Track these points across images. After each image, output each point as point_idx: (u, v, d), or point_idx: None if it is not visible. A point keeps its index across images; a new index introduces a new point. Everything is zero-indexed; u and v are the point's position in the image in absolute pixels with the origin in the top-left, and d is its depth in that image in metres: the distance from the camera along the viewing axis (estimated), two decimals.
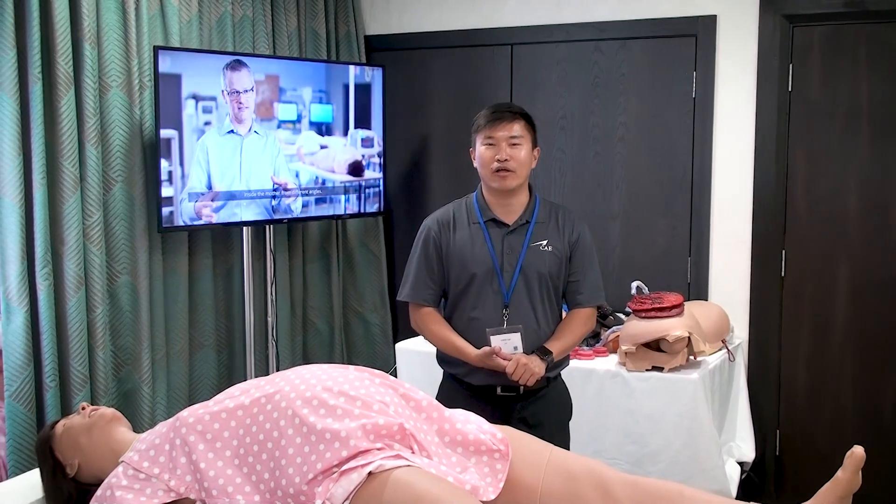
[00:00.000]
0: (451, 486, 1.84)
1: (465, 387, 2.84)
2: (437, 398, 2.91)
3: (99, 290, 3.25)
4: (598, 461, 2.14)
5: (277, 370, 4.04)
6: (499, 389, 2.81)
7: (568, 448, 2.88)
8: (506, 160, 2.73)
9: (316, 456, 1.86)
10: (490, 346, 2.73)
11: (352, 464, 1.83)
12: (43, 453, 2.24)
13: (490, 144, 2.76)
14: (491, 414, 2.65)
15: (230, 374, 3.99)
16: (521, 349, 2.75)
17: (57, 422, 2.32)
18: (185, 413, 2.03)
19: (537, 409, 2.84)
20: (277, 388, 2.00)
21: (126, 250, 3.41)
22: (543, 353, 2.76)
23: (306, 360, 4.41)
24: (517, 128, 2.76)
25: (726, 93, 3.97)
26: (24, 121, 3.01)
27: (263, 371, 4.04)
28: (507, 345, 2.76)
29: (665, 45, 4.07)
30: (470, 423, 2.12)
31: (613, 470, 2.07)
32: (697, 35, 3.98)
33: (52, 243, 3.12)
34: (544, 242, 2.81)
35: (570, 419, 2.98)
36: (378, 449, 1.86)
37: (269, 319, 4.00)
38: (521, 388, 2.79)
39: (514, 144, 2.75)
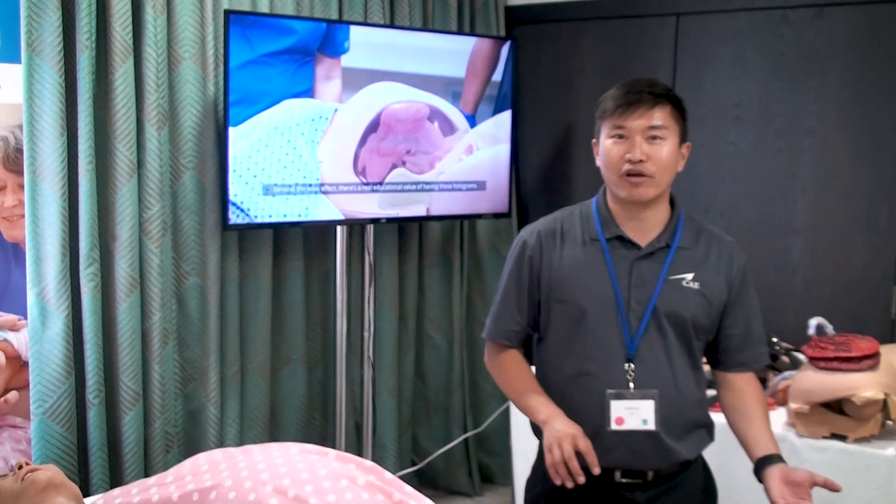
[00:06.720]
0: None
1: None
2: (530, 476, 2.23)
3: (157, 293, 2.80)
4: None
5: (373, 392, 3.50)
6: (618, 474, 2.05)
7: None
8: (641, 160, 1.98)
9: None
10: (610, 414, 2.01)
11: None
12: None
13: (620, 137, 2.01)
14: None
15: (324, 393, 3.48)
16: (651, 423, 2.00)
17: None
18: (100, 502, 1.48)
19: (671, 502, 2.08)
20: (218, 481, 1.42)
21: (196, 248, 2.95)
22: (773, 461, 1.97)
23: (418, 378, 3.85)
24: (660, 115, 1.99)
25: None
26: (69, 95, 2.58)
27: (358, 393, 3.51)
28: (634, 416, 2.01)
29: (875, 13, 3.22)
30: None
31: None
32: None
33: (101, 238, 2.69)
34: (689, 276, 2.04)
35: None
36: None
37: (365, 334, 3.44)
38: (650, 473, 2.06)
39: (655, 138, 1.99)
